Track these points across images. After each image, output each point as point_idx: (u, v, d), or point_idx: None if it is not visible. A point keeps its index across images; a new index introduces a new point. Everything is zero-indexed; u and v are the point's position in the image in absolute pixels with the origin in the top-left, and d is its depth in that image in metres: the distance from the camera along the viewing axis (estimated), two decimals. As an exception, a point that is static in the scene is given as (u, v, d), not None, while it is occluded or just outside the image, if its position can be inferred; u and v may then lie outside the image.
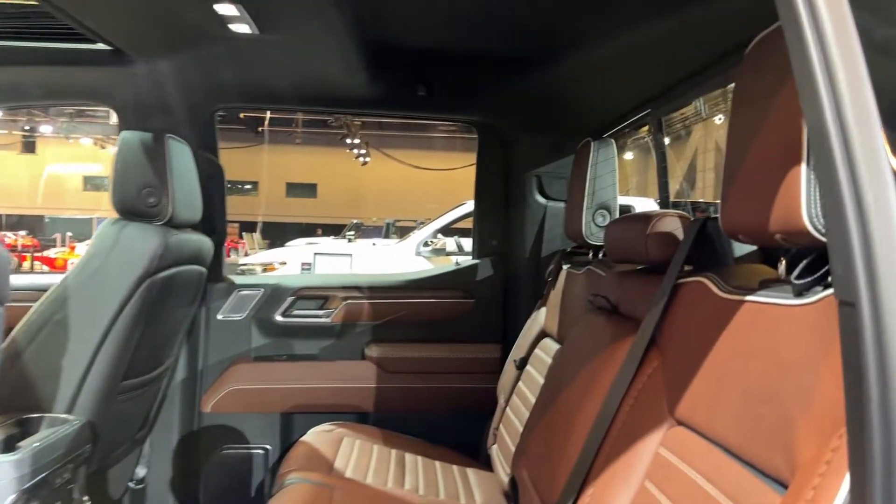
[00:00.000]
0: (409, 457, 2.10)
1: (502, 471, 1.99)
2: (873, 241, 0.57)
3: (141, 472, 2.28)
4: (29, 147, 21.28)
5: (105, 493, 2.02)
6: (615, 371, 1.36)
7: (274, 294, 2.40)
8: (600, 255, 2.00)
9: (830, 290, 0.86)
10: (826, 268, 0.91)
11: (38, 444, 1.39)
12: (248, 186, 22.81)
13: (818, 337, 0.84)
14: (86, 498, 1.60)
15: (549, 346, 2.02)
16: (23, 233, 16.45)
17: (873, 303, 0.57)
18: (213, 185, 2.22)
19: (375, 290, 2.44)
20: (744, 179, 1.02)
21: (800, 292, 0.92)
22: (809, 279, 0.91)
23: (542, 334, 2.17)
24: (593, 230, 1.91)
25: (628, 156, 16.61)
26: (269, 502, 1.66)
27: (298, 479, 1.76)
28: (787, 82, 0.92)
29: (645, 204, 6.52)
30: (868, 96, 0.60)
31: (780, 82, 0.93)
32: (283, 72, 2.02)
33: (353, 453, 2.02)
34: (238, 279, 2.43)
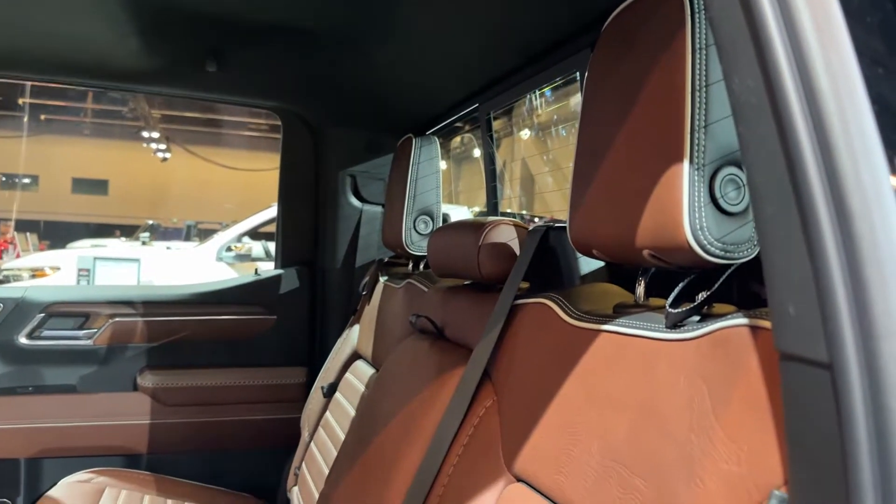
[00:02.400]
0: (189, 508, 1.74)
1: (304, 520, 1.69)
2: (865, 276, 0.37)
3: None
4: None
5: None
6: (441, 409, 1.12)
7: (17, 310, 1.91)
8: (421, 267, 1.78)
9: (713, 325, 0.68)
10: (704, 295, 0.73)
11: None
12: (27, 181, 20.27)
13: (705, 387, 0.65)
14: None
15: (363, 371, 1.76)
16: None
17: (868, 367, 0.37)
18: None
19: (152, 306, 2.02)
20: (601, 184, 0.83)
21: (675, 324, 0.74)
22: (687, 308, 0.73)
23: (355, 356, 1.91)
24: (414, 238, 1.67)
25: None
26: None
27: (30, 557, 1.34)
28: (658, 61, 0.74)
29: (459, 212, 6.47)
30: (848, 54, 0.40)
31: (650, 62, 0.75)
32: (32, 32, 1.57)
33: (116, 510, 1.62)
34: (-33, 291, 1.91)
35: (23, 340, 1.91)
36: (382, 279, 1.86)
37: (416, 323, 1.36)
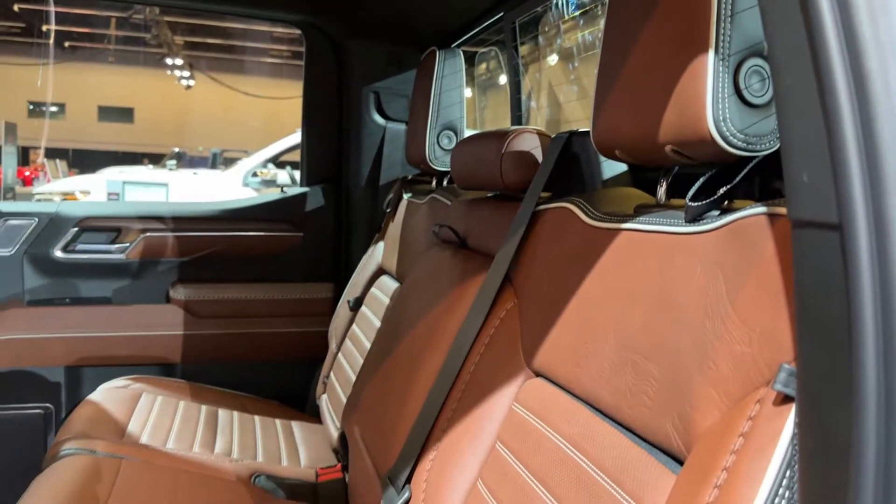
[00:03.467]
0: (222, 413, 1.82)
1: (332, 425, 1.76)
2: (877, 135, 0.38)
3: None
4: None
5: None
6: (463, 314, 1.15)
7: (52, 224, 1.96)
8: (445, 183, 1.79)
9: (732, 216, 0.69)
10: (725, 189, 0.74)
11: None
12: (55, 109, 20.34)
13: (721, 274, 0.67)
14: None
15: (387, 285, 1.80)
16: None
17: (875, 225, 0.38)
18: None
19: (182, 221, 2.06)
20: (625, 82, 0.82)
21: (695, 217, 0.74)
22: (707, 201, 0.74)
23: (380, 272, 1.94)
24: (438, 154, 1.68)
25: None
26: (36, 480, 1.33)
27: (76, 449, 1.42)
28: None
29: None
30: None
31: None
32: None
33: (153, 413, 1.71)
34: (3, 205, 1.96)
35: (58, 254, 1.97)
36: (406, 196, 1.88)
37: (440, 233, 1.38)
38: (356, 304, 1.96)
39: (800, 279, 0.46)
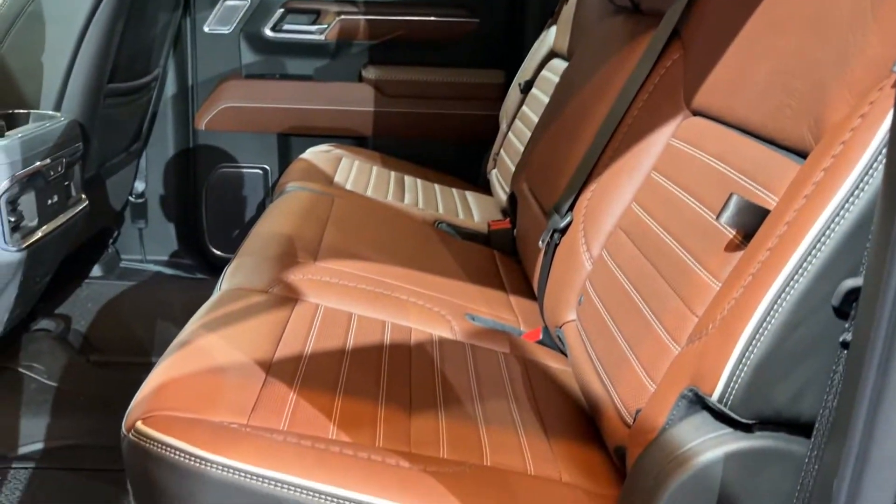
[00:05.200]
0: (407, 178, 2.09)
1: (501, 191, 1.99)
2: None
3: (140, 186, 2.29)
4: None
5: (105, 202, 2.03)
6: (630, 70, 1.27)
7: (262, 6, 2.23)
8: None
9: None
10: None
11: (26, 134, 1.35)
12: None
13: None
14: (83, 196, 1.60)
15: (558, 67, 1.91)
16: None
17: None
18: None
19: (371, 6, 2.26)
20: None
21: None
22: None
23: (551, 55, 2.05)
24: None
25: None
26: (269, 207, 1.67)
27: (298, 187, 1.75)
28: None
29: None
30: None
31: None
32: None
33: (353, 171, 2.01)
34: (224, -13, 2.24)
35: (268, 32, 2.25)
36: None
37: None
38: (526, 87, 2.10)
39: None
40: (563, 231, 1.26)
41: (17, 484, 1.39)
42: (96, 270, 2.23)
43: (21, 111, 1.49)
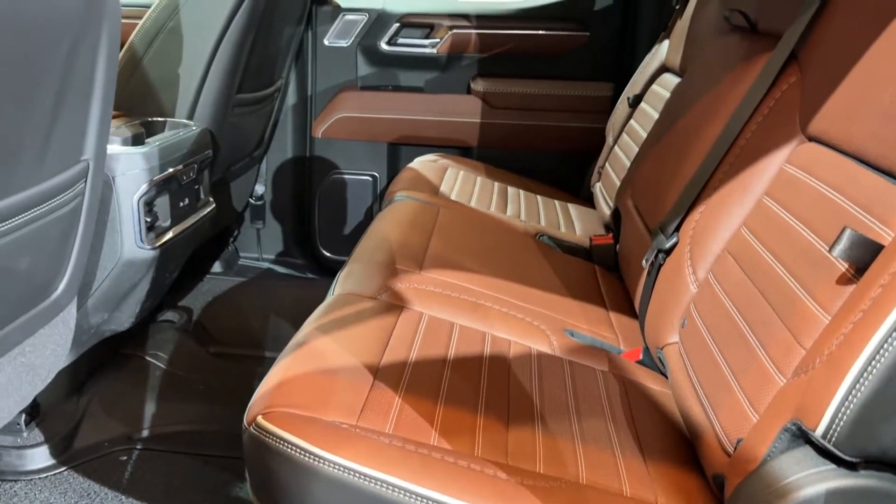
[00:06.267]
0: (511, 189, 2.12)
1: (605, 205, 1.98)
2: None
3: (259, 189, 2.43)
4: None
5: (228, 204, 2.18)
6: (744, 91, 1.25)
7: (379, 20, 2.32)
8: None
9: None
10: None
11: (163, 141, 1.47)
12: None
13: None
14: (211, 199, 1.73)
15: (669, 82, 1.89)
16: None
17: None
18: None
19: (483, 20, 2.31)
20: None
21: None
22: None
23: (663, 69, 2.03)
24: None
25: None
26: (379, 215, 1.74)
27: (406, 196, 1.82)
28: None
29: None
30: None
31: None
32: None
33: (458, 181, 2.06)
34: (343, 1, 2.35)
35: (383, 46, 2.34)
36: (697, -9, 1.90)
37: (731, 17, 1.44)
38: (635, 101, 2.09)
39: None
40: (669, 252, 1.25)
41: (140, 464, 1.52)
42: (217, 266, 2.40)
43: (158, 119, 1.62)
